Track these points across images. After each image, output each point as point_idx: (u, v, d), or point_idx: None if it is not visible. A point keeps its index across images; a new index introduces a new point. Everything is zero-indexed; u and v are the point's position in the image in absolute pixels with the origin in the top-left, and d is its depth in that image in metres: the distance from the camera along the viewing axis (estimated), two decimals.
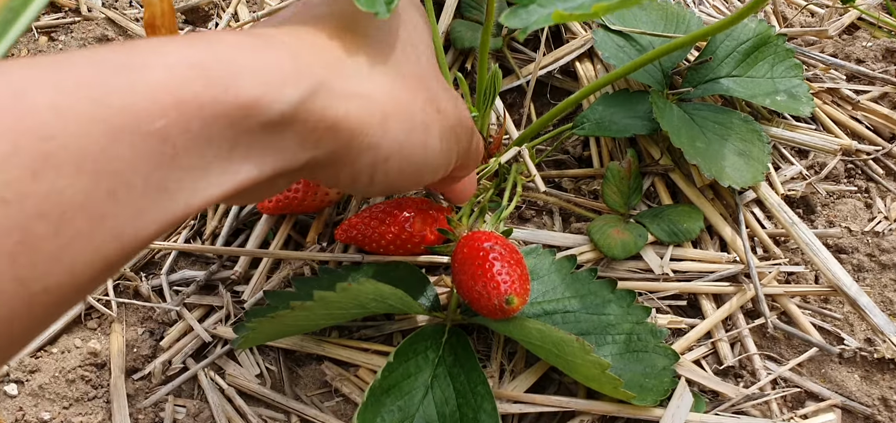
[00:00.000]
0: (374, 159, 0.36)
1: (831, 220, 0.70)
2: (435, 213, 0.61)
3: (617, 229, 0.64)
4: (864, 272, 0.67)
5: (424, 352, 0.54)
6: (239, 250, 0.66)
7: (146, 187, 0.25)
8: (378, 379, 0.51)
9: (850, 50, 0.84)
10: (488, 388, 0.52)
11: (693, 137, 0.65)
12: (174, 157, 0.26)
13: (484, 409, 0.52)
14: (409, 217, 0.59)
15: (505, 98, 0.81)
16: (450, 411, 0.52)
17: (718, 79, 0.72)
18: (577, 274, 0.60)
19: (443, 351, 0.55)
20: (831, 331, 0.63)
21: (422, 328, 0.55)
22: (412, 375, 0.53)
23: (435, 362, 0.54)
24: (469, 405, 0.52)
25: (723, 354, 0.61)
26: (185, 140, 0.26)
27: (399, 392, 0.52)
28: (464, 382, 0.53)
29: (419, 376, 0.53)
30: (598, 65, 0.79)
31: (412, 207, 0.60)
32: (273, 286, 0.64)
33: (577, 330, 0.58)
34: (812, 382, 0.60)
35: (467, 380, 0.53)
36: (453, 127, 0.42)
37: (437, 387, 0.53)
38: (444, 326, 0.56)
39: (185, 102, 0.26)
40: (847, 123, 0.77)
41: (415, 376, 0.53)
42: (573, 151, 0.77)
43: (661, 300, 0.64)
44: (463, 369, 0.54)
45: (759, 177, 0.65)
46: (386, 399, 0.51)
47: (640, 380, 0.55)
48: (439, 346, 0.55)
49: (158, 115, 0.25)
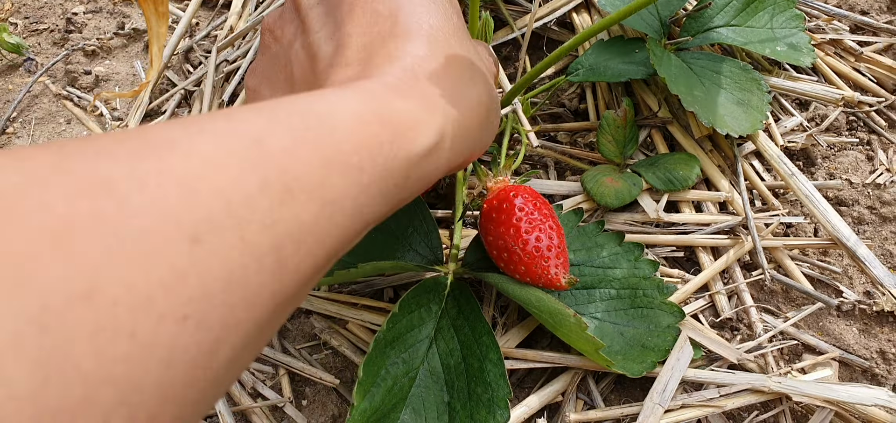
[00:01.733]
0: (462, 165, 0.43)
1: (832, 172, 0.69)
2: None
3: (610, 177, 0.63)
4: (864, 225, 0.65)
5: (427, 305, 0.53)
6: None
7: (353, 210, 0.30)
8: (383, 330, 0.50)
9: (854, 1, 0.82)
10: (494, 338, 0.51)
11: (691, 85, 0.64)
12: (368, 186, 0.31)
13: (490, 358, 0.50)
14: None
15: (500, 51, 0.79)
16: (455, 362, 0.51)
17: (717, 28, 0.70)
18: (583, 227, 0.59)
19: (445, 304, 0.53)
20: (830, 284, 0.62)
21: (423, 281, 0.54)
22: (416, 327, 0.52)
23: (438, 314, 0.53)
24: (474, 355, 0.51)
25: (720, 306, 0.60)
26: (374, 171, 0.31)
27: (403, 344, 0.51)
28: (468, 333, 0.52)
29: (422, 328, 0.52)
30: (595, 15, 0.77)
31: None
32: None
33: (583, 284, 0.57)
34: (809, 335, 0.59)
35: (472, 332, 0.52)
36: (496, 110, 0.47)
37: (440, 340, 0.52)
38: (446, 279, 0.55)
39: (370, 143, 0.31)
40: (849, 75, 0.75)
41: (418, 328, 0.52)
42: (569, 105, 0.75)
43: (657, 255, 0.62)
44: (467, 320, 0.52)
45: (758, 125, 0.64)
46: (390, 351, 0.50)
47: (643, 338, 0.54)
48: (442, 299, 0.54)
49: (353, 152, 0.30)
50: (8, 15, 0.89)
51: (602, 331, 0.54)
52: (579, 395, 0.55)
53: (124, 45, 0.86)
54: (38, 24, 0.88)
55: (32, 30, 0.87)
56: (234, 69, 0.79)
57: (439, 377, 0.50)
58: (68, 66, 0.83)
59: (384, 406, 0.48)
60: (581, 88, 0.75)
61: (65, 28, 0.87)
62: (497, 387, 0.49)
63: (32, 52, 0.85)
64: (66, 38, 0.86)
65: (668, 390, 0.52)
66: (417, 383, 0.50)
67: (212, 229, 0.24)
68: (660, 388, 0.52)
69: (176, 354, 0.22)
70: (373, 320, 0.58)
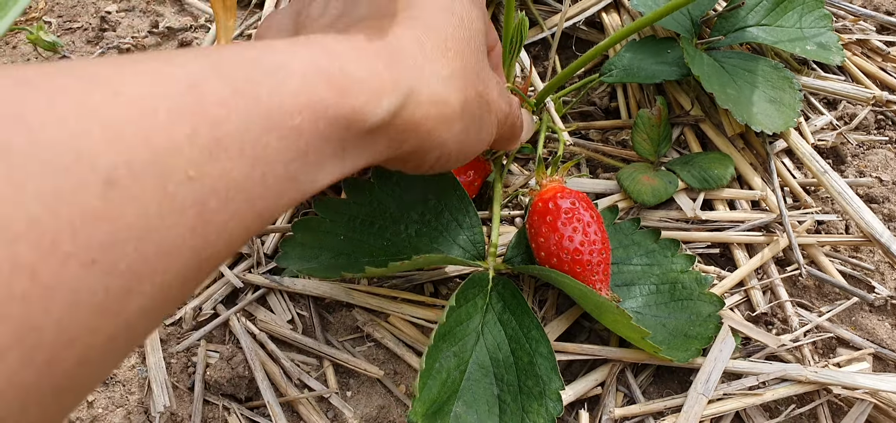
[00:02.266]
0: (440, 153, 0.40)
1: (862, 170, 0.70)
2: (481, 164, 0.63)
3: (647, 175, 0.64)
4: (894, 222, 0.66)
5: (473, 299, 0.54)
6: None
7: (285, 174, 0.29)
8: (441, 323, 0.51)
9: (880, 1, 0.83)
10: (543, 332, 0.52)
11: (724, 83, 0.65)
12: (306, 151, 0.30)
13: (540, 352, 0.52)
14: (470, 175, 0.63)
15: (529, 50, 0.81)
16: (503, 356, 0.52)
17: (747, 27, 0.71)
18: (619, 224, 0.60)
19: (490, 299, 0.54)
20: (862, 279, 0.63)
21: (471, 276, 0.55)
22: (464, 321, 0.53)
23: (483, 309, 0.54)
24: (523, 349, 0.52)
25: (755, 301, 0.61)
26: (313, 137, 0.30)
27: (454, 338, 0.52)
28: (516, 327, 0.53)
29: (470, 323, 0.53)
30: (624, 15, 0.78)
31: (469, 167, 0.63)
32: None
33: (621, 281, 0.58)
34: (844, 329, 0.60)
35: (520, 325, 0.53)
36: (497, 114, 0.46)
37: (487, 333, 0.53)
38: (488, 274, 0.56)
39: (314, 105, 0.30)
40: (877, 75, 0.76)
41: (465, 322, 0.53)
42: (600, 103, 0.76)
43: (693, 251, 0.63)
44: (514, 315, 0.54)
45: (791, 122, 0.65)
46: (443, 345, 0.51)
47: (685, 328, 0.55)
48: (486, 294, 0.55)
49: (296, 113, 0.29)
50: (42, 14, 0.90)
51: (645, 323, 0.55)
52: (619, 388, 0.56)
53: (158, 43, 0.87)
54: (72, 23, 0.89)
55: (66, 28, 0.89)
56: None
57: (488, 370, 0.52)
58: None
59: (440, 398, 0.49)
60: (611, 87, 0.76)
61: (99, 26, 0.88)
62: (549, 381, 0.50)
63: (67, 50, 0.86)
64: (101, 37, 0.87)
65: (712, 380, 0.53)
66: (467, 376, 0.51)
67: (130, 175, 0.23)
68: (704, 378, 0.53)
69: (81, 297, 0.21)
70: (414, 314, 0.59)
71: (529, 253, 0.57)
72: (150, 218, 0.23)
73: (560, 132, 0.65)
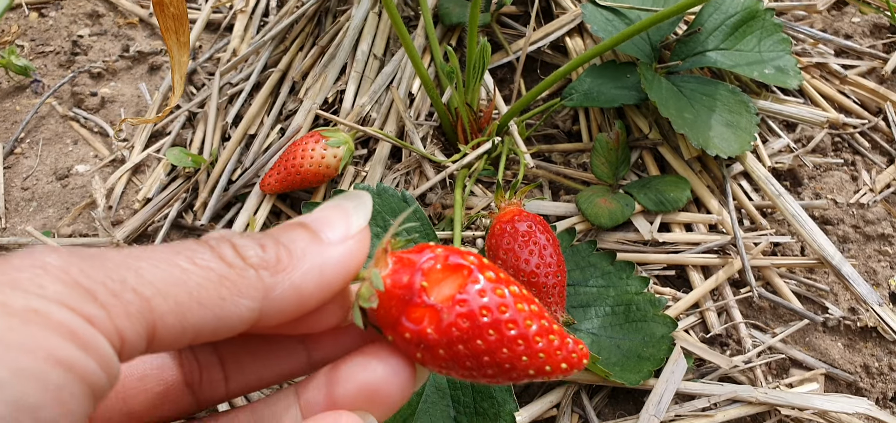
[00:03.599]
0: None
1: (818, 192, 0.71)
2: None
3: (604, 198, 0.65)
4: (849, 243, 0.67)
5: None
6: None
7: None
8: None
9: (839, 25, 0.84)
10: None
11: (681, 107, 0.66)
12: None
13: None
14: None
15: (495, 74, 0.82)
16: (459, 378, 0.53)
17: (706, 52, 0.72)
18: (577, 247, 0.61)
19: None
20: (816, 301, 0.64)
21: None
22: None
23: None
24: None
25: (710, 323, 0.62)
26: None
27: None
28: None
29: None
30: (587, 40, 0.80)
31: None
32: None
33: (577, 302, 0.59)
34: (797, 350, 0.61)
35: None
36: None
37: None
38: None
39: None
40: (835, 97, 0.78)
41: None
42: (563, 126, 0.77)
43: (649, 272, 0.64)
44: None
45: (747, 146, 0.66)
46: None
47: (639, 349, 0.56)
48: None
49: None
50: (15, 37, 0.91)
51: (599, 345, 0.56)
52: (574, 409, 0.57)
53: (129, 67, 0.88)
54: (45, 47, 0.90)
55: (39, 52, 0.89)
56: (238, 92, 0.81)
57: (445, 392, 0.52)
58: (74, 87, 0.85)
59: (397, 420, 0.50)
60: (574, 110, 0.77)
61: (71, 50, 0.89)
62: (503, 402, 0.51)
63: (39, 73, 0.87)
64: (72, 61, 0.88)
65: (664, 402, 0.54)
66: (424, 398, 0.52)
67: None
68: (655, 399, 0.54)
69: None
70: None
71: None
72: None
73: (521, 155, 0.66)
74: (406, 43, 0.63)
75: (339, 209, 0.33)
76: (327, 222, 0.32)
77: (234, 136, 0.75)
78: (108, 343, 0.25)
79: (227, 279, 0.29)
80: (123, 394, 0.33)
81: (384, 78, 0.77)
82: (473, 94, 0.69)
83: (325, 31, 0.83)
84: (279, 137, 0.75)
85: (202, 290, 0.28)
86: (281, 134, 0.76)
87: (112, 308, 0.26)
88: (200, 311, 0.28)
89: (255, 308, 0.29)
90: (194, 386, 0.34)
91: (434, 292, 0.30)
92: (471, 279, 0.30)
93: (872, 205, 0.69)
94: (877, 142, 0.75)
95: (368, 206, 0.34)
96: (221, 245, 0.30)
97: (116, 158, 0.77)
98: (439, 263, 0.30)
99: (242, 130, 0.76)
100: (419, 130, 0.73)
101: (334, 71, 0.78)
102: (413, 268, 0.30)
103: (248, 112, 0.78)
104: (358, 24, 0.80)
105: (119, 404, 0.33)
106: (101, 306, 0.25)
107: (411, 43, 0.64)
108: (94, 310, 0.25)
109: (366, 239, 0.32)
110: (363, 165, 0.73)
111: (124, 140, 0.79)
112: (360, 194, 0.34)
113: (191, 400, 0.35)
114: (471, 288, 0.30)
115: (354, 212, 0.33)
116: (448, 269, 0.30)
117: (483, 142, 0.69)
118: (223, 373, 0.35)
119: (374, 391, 0.32)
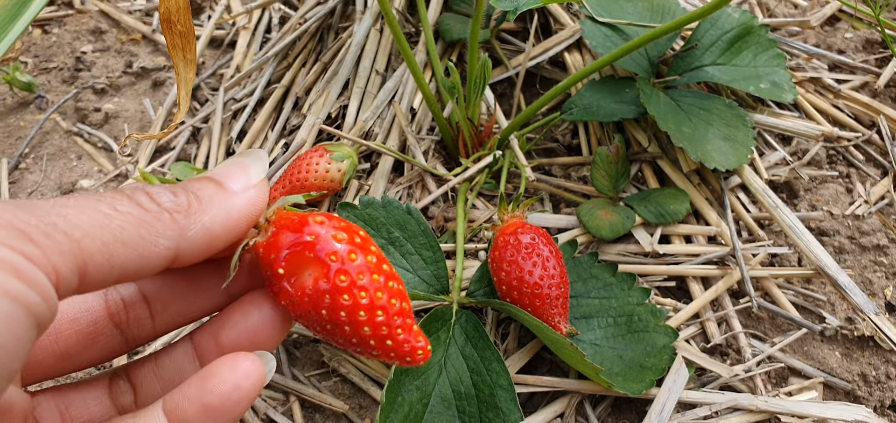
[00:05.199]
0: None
1: (814, 204, 0.72)
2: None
3: (605, 211, 0.66)
4: (845, 254, 0.69)
5: (436, 333, 0.56)
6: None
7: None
8: None
9: (832, 40, 0.86)
10: (503, 365, 0.54)
11: (679, 122, 0.67)
12: None
13: (500, 385, 0.53)
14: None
15: (495, 89, 0.83)
16: (465, 389, 0.54)
17: (703, 67, 0.74)
18: (579, 259, 0.62)
19: (452, 332, 0.56)
20: (813, 311, 0.65)
21: (433, 310, 0.57)
22: None
23: (446, 342, 0.56)
24: (484, 381, 0.54)
25: (710, 333, 0.63)
26: None
27: (416, 372, 0.54)
28: (477, 360, 0.55)
29: (432, 356, 0.55)
30: (586, 55, 0.81)
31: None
32: None
33: (580, 313, 0.60)
34: (795, 359, 0.62)
35: (481, 358, 0.55)
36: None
37: (449, 366, 0.55)
38: (452, 308, 0.58)
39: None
40: (829, 111, 0.79)
41: None
42: (562, 140, 0.78)
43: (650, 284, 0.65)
44: (476, 348, 0.55)
45: (744, 159, 0.67)
46: (405, 379, 0.53)
47: (641, 359, 0.57)
48: (449, 327, 0.56)
49: None
50: (18, 54, 0.91)
51: (602, 356, 0.57)
52: (578, 419, 0.58)
53: (132, 82, 0.89)
54: (48, 63, 0.90)
55: (42, 68, 0.90)
56: (242, 107, 0.82)
57: (450, 402, 0.53)
58: (78, 103, 0.85)
59: None
60: (574, 124, 0.79)
61: (74, 66, 0.89)
62: (508, 412, 0.52)
63: (43, 89, 0.87)
64: (76, 77, 0.89)
65: (666, 410, 0.55)
66: (430, 409, 0.52)
67: None
68: (658, 408, 0.55)
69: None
70: None
71: (492, 287, 0.59)
72: None
73: (522, 169, 0.67)
74: (408, 58, 0.65)
75: (239, 164, 0.37)
76: (230, 175, 0.37)
77: (239, 150, 0.76)
78: (46, 278, 0.28)
79: (145, 222, 0.32)
80: (56, 335, 0.37)
81: (386, 93, 0.78)
82: (474, 108, 0.70)
83: (328, 47, 0.85)
84: (283, 152, 0.76)
85: (124, 232, 0.31)
86: (285, 149, 0.77)
87: (46, 247, 0.29)
88: (124, 250, 0.31)
89: (172, 247, 0.33)
90: (122, 326, 0.38)
91: (293, 276, 0.34)
92: (331, 269, 0.33)
93: (867, 216, 0.70)
94: (871, 154, 0.76)
95: (265, 161, 0.38)
96: (137, 194, 0.33)
97: (121, 173, 0.78)
98: (307, 250, 0.34)
99: (247, 144, 0.77)
100: (421, 144, 0.74)
101: (337, 86, 0.79)
102: (279, 249, 0.35)
103: (253, 127, 0.79)
104: (360, 41, 0.81)
105: (52, 345, 0.37)
106: (37, 246, 0.28)
107: (413, 58, 0.66)
108: (30, 249, 0.28)
109: (265, 189, 0.37)
110: (366, 178, 0.74)
111: (129, 155, 0.80)
112: (257, 151, 0.39)
113: (120, 340, 0.39)
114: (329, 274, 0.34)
115: (253, 166, 0.38)
116: (309, 258, 0.34)
117: (484, 155, 0.70)
118: (149, 312, 0.39)
119: (253, 334, 0.37)
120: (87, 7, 0.96)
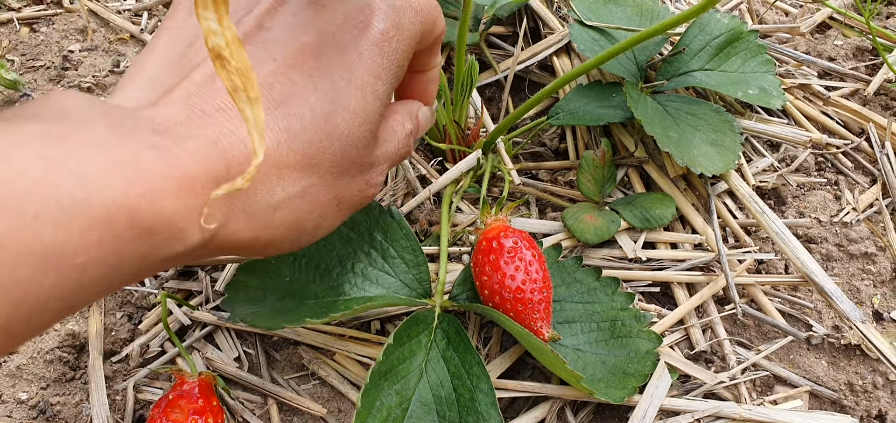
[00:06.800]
0: (289, 246, 0.38)
1: (801, 211, 0.72)
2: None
3: (590, 215, 0.65)
4: (832, 261, 0.68)
5: (417, 337, 0.55)
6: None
7: (60, 307, 0.26)
8: (378, 361, 0.52)
9: (822, 48, 0.86)
10: (484, 369, 0.53)
11: (666, 126, 0.67)
12: (88, 285, 0.27)
13: (480, 389, 0.52)
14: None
15: (483, 93, 0.82)
16: (445, 393, 0.53)
17: (691, 72, 0.73)
18: (562, 263, 0.61)
19: (434, 336, 0.55)
20: (800, 318, 0.64)
21: (414, 313, 0.56)
22: (407, 359, 0.54)
23: (427, 346, 0.55)
24: (465, 386, 0.53)
25: (695, 339, 0.62)
26: (100, 268, 0.27)
27: (396, 376, 0.53)
28: (458, 364, 0.54)
29: (413, 360, 0.54)
30: (574, 59, 0.81)
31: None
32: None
33: (563, 318, 0.59)
34: (781, 367, 0.61)
35: (462, 362, 0.54)
36: (373, 180, 0.43)
37: (430, 370, 0.54)
38: (434, 311, 0.57)
39: (107, 242, 0.26)
40: (818, 118, 0.79)
41: (409, 360, 0.54)
42: (550, 144, 0.78)
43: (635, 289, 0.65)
44: (457, 352, 0.54)
45: (731, 165, 0.67)
46: (384, 383, 0.52)
47: (623, 365, 0.56)
48: (430, 331, 0.56)
49: (83, 251, 0.26)
50: (4, 52, 0.91)
51: (585, 361, 0.56)
52: None
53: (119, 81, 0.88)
54: (35, 61, 0.90)
55: (29, 66, 0.89)
56: None
57: (430, 407, 0.52)
58: None
59: None
60: (561, 129, 0.78)
61: (61, 65, 0.89)
62: (488, 417, 0.51)
63: (29, 88, 0.87)
64: (62, 76, 0.88)
65: (648, 417, 0.54)
66: (410, 414, 0.52)
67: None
68: (639, 415, 0.54)
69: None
70: (360, 352, 0.60)
71: (475, 291, 0.59)
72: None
73: (506, 172, 0.67)
74: None
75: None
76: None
77: None
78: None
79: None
80: None
81: None
82: (461, 112, 0.69)
83: None
84: None
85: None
86: None
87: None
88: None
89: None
90: None
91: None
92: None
93: (855, 224, 0.70)
94: (859, 162, 0.76)
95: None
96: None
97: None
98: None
99: None
100: None
101: None
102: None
103: None
104: None
105: None
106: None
107: None
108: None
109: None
110: None
111: None
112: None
113: None
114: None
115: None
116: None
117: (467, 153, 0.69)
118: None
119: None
120: (75, 7, 0.96)
